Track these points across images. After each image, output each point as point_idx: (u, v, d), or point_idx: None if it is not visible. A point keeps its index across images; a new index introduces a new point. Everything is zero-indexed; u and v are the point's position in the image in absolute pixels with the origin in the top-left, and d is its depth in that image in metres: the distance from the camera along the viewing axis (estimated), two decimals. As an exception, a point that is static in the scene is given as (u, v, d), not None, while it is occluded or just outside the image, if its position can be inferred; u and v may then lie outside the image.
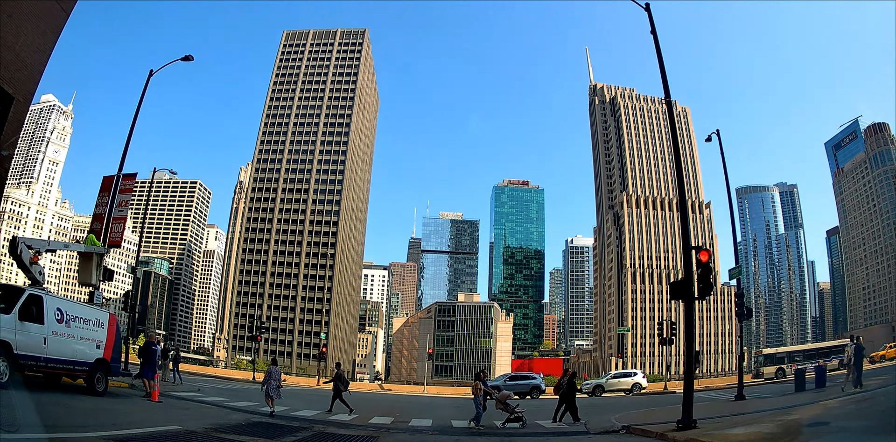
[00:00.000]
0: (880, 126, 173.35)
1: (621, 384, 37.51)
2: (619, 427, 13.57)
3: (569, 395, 15.96)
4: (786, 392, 20.87)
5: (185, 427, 9.96)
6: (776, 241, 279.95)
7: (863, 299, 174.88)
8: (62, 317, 13.19)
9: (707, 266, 12.76)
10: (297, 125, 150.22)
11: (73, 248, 16.31)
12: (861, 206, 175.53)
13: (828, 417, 11.81)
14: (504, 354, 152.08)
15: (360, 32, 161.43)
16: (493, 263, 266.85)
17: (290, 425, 12.68)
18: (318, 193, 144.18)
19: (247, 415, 14.51)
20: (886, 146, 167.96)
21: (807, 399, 17.79)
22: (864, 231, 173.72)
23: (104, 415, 10.90)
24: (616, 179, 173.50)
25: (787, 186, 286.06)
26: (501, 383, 33.78)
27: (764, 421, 12.06)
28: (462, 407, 24.69)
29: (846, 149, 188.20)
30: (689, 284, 12.62)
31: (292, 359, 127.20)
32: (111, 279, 17.20)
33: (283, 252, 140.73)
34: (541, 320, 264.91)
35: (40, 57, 11.71)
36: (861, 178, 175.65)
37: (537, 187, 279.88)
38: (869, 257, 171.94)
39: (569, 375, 16.35)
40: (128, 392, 17.31)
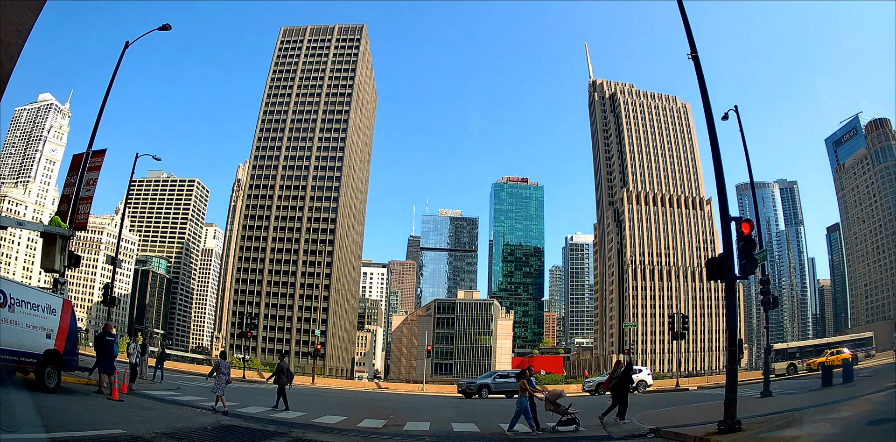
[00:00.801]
0: (882, 122, 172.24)
1: None
2: (647, 430, 12.04)
3: (622, 390, 14.39)
4: (812, 388, 19.67)
5: (130, 432, 8.67)
6: (776, 237, 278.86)
7: (864, 296, 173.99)
8: (4, 300, 11.57)
9: (750, 239, 11.24)
10: (294, 122, 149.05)
11: (28, 226, 15.01)
12: (862, 202, 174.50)
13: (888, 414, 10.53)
14: (504, 352, 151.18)
15: (358, 28, 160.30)
16: (493, 260, 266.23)
17: (265, 430, 11.37)
18: (315, 190, 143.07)
19: (219, 416, 13.24)
20: (888, 142, 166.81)
21: (842, 395, 16.62)
22: (866, 227, 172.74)
23: (46, 414, 9.44)
24: (616, 176, 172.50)
25: (787, 183, 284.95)
26: (491, 381, 32.65)
27: (814, 420, 10.72)
28: (462, 407, 23.47)
29: (846, 145, 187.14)
30: (729, 260, 10.98)
31: (290, 358, 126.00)
32: (78, 265, 15.79)
33: (280, 250, 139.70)
34: (541, 318, 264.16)
35: (17, 37, 11.11)
36: (862, 174, 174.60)
37: (536, 184, 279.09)
38: (870, 254, 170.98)
39: (623, 367, 14.72)
40: (88, 389, 15.83)
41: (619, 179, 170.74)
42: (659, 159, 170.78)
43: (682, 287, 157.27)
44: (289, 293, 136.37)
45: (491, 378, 33.26)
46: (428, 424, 15.10)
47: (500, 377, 33.52)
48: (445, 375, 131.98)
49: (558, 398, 13.56)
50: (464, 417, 18.26)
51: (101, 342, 15.18)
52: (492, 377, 33.50)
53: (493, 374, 35.10)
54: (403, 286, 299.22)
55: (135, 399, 15.39)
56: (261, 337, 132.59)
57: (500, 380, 33.06)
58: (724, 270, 11.03)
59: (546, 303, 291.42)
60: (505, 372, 35.75)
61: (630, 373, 14.73)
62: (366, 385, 58.44)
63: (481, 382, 32.41)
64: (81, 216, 15.60)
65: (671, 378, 78.95)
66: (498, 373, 35.04)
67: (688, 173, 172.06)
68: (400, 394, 40.29)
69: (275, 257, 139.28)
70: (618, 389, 14.52)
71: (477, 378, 33.68)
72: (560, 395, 13.78)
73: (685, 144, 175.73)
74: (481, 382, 32.33)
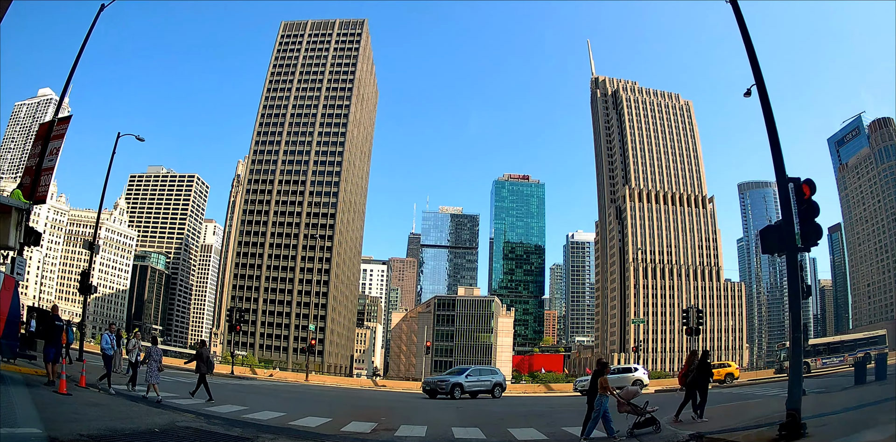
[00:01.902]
0: (885, 121, 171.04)
1: (622, 381, 32.88)
2: (686, 437, 10.56)
3: (701, 383, 12.86)
4: (843, 386, 18.41)
5: (49, 431, 7.29)
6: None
7: (867, 296, 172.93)
8: None
9: (811, 203, 9.59)
10: (294, 116, 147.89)
11: None
12: (865, 201, 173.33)
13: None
14: (505, 350, 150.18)
15: (359, 23, 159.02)
16: (493, 258, 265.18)
17: (227, 435, 9.77)
18: (315, 186, 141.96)
19: (178, 416, 11.61)
20: (891, 141, 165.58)
21: (886, 393, 15.27)
22: (869, 227, 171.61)
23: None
24: (618, 173, 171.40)
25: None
26: (464, 379, 28.07)
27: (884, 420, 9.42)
28: (465, 408, 21.20)
29: (849, 145, 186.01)
30: (789, 228, 9.42)
31: (288, 354, 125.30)
32: (38, 244, 14.31)
33: (279, 245, 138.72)
34: (541, 316, 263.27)
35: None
36: (865, 173, 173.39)
37: (538, 182, 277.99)
38: (873, 254, 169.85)
39: (700, 357, 13.14)
40: (37, 380, 14.24)
41: (622, 177, 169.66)
42: (661, 157, 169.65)
43: (685, 285, 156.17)
44: (287, 289, 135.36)
45: (464, 376, 28.47)
46: (424, 429, 12.90)
47: (473, 375, 29.15)
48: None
49: (634, 397, 11.97)
50: (466, 420, 16.01)
51: (49, 328, 13.68)
52: (464, 375, 28.67)
53: (464, 370, 29.75)
54: (403, 284, 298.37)
55: (88, 394, 13.88)
56: (258, 333, 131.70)
57: (473, 378, 28.79)
58: (784, 239, 9.45)
59: (546, 301, 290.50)
60: (478, 369, 31.00)
61: (709, 363, 13.12)
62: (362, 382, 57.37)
63: (455, 380, 27.56)
64: (42, 188, 14.29)
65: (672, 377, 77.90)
66: (470, 370, 29.81)
67: (690, 171, 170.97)
68: (397, 392, 38.97)
69: (273, 253, 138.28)
70: (696, 382, 13.04)
71: (450, 376, 28.61)
72: (636, 393, 12.21)
73: (688, 142, 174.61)
74: (455, 381, 27.52)
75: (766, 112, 10.35)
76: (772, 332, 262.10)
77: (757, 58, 10.61)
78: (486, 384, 28.88)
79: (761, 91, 10.50)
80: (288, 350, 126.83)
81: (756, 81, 10.56)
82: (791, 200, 9.56)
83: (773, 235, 9.94)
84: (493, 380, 29.42)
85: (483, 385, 28.73)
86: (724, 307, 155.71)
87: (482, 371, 30.38)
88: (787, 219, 9.51)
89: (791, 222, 9.48)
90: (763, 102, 10.35)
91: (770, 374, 43.92)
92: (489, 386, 28.87)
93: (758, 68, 10.67)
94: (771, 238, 9.98)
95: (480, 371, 30.14)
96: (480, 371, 30.14)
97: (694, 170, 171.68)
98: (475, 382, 28.50)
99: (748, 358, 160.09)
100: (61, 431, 7.66)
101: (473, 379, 28.57)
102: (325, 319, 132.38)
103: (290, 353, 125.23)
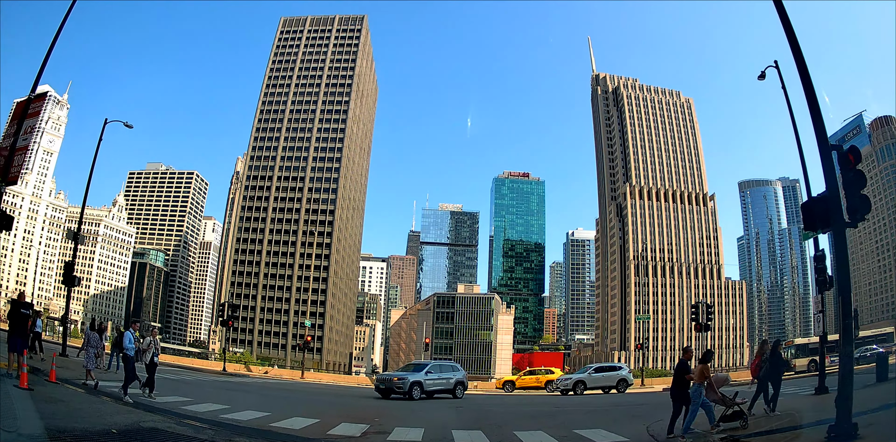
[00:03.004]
0: (886, 119, 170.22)
1: (606, 380, 32.04)
2: (717, 441, 9.74)
3: (775, 374, 12.03)
4: (867, 383, 17.46)
5: None
6: (779, 236, 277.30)
7: (868, 295, 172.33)
8: None
9: (859, 174, 8.61)
10: (293, 113, 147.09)
11: None
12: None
13: None
14: (505, 348, 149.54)
15: (359, 19, 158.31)
16: (493, 255, 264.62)
17: (196, 437, 8.89)
18: (314, 182, 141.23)
19: (147, 416, 10.65)
20: (893, 139, 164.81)
21: None
22: (869, 226, 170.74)
23: None
24: (619, 170, 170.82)
25: (790, 181, 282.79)
26: (424, 377, 24.63)
27: None
28: (466, 408, 20.07)
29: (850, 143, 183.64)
30: (834, 201, 8.39)
31: (287, 352, 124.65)
32: (10, 228, 13.43)
33: (278, 242, 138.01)
34: (541, 314, 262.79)
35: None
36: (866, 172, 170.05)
37: (538, 179, 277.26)
38: (873, 253, 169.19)
39: (771, 346, 12.27)
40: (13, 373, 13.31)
41: (622, 174, 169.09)
42: (662, 154, 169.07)
43: (685, 283, 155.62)
44: (286, 286, 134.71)
45: (423, 372, 24.90)
46: (421, 432, 11.85)
47: (433, 372, 25.54)
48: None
49: (724, 384, 10.95)
50: (467, 422, 14.94)
51: (15, 317, 12.72)
52: (424, 371, 25.05)
53: (423, 366, 26.00)
54: (403, 281, 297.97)
55: (53, 389, 12.93)
56: (257, 330, 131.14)
57: (434, 375, 25.24)
58: (830, 213, 8.43)
59: (546, 299, 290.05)
60: (438, 365, 27.22)
61: (780, 353, 12.28)
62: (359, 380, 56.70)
63: (414, 378, 24.05)
64: (14, 169, 13.47)
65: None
66: (430, 366, 26.15)
67: (691, 169, 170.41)
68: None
69: (272, 250, 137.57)
70: (770, 374, 12.26)
71: (407, 372, 25.20)
72: (725, 380, 11.24)
73: (689, 140, 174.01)
74: (415, 379, 23.99)
75: (803, 77, 9.46)
76: (772, 331, 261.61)
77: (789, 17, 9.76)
78: (447, 383, 25.86)
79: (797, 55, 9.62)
80: (286, 347, 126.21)
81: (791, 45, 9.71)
82: (835, 171, 8.61)
83: (818, 209, 8.93)
84: (455, 378, 26.41)
85: (444, 384, 25.69)
86: (725, 306, 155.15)
87: (443, 367, 26.89)
88: (832, 192, 8.59)
89: (837, 195, 8.53)
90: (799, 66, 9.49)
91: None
92: (450, 385, 25.94)
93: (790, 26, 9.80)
94: (815, 212, 8.98)
95: (441, 367, 26.72)
96: (441, 367, 26.72)
97: (694, 167, 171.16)
98: (436, 380, 25.26)
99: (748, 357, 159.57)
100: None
101: (434, 376, 25.23)
102: (324, 317, 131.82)
103: (288, 350, 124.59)
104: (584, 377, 31.89)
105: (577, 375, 32.66)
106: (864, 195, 8.62)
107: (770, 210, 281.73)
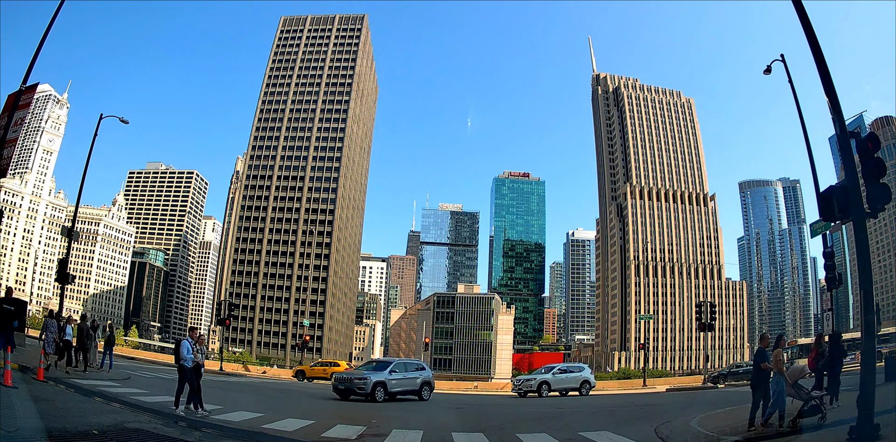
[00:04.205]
0: (887, 119, 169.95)
1: (569, 381, 30.22)
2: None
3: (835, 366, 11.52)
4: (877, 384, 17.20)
5: None
6: (779, 236, 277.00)
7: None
8: None
9: (879, 162, 8.20)
10: (293, 112, 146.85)
11: None
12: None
13: None
14: (505, 348, 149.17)
15: (359, 18, 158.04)
16: (493, 255, 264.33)
17: (182, 439, 8.57)
18: (314, 181, 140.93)
19: (134, 415, 10.30)
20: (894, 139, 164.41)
21: None
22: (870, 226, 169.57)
23: None
24: (619, 170, 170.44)
25: (790, 181, 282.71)
26: (387, 377, 22.15)
27: None
28: (467, 409, 19.41)
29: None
30: (854, 190, 8.04)
31: (286, 352, 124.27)
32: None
33: (278, 241, 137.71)
34: (541, 314, 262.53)
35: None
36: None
37: (538, 179, 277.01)
38: (874, 253, 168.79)
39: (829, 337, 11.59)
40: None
41: (622, 174, 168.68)
42: (662, 154, 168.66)
43: (686, 284, 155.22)
44: (286, 286, 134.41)
45: (387, 371, 22.38)
46: (420, 435, 11.41)
47: (398, 370, 22.99)
48: (444, 370, 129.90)
49: (801, 377, 10.28)
50: (468, 424, 14.48)
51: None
52: (387, 370, 22.53)
53: (387, 365, 23.59)
54: (403, 281, 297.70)
55: (40, 387, 12.56)
56: (256, 330, 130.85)
57: (398, 375, 22.71)
58: (849, 203, 8.05)
59: (546, 299, 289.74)
60: (403, 363, 24.67)
61: (841, 344, 11.58)
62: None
63: (377, 378, 21.50)
64: (3, 161, 13.14)
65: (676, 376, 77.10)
66: (394, 364, 23.64)
67: (691, 169, 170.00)
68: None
69: (272, 249, 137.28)
70: (830, 366, 11.80)
71: (369, 371, 22.57)
72: (803, 372, 10.56)
73: (689, 140, 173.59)
74: (378, 379, 21.43)
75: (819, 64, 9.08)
76: (772, 331, 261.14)
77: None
78: (413, 383, 23.34)
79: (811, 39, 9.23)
80: (286, 347, 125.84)
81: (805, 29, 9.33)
82: (853, 159, 8.24)
83: (834, 199, 8.55)
84: (422, 378, 23.86)
85: (410, 384, 23.18)
86: (725, 306, 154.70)
87: (408, 366, 24.35)
88: (852, 180, 8.22)
89: (857, 183, 8.19)
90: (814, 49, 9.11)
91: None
92: (416, 385, 23.43)
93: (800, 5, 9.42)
94: (834, 202, 8.61)
95: (406, 366, 24.19)
96: (406, 366, 24.19)
97: (695, 167, 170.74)
98: (401, 380, 22.73)
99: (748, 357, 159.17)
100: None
101: (399, 376, 22.68)
102: (324, 316, 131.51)
103: (287, 350, 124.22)
104: (548, 378, 29.76)
105: (541, 375, 30.39)
106: (883, 184, 8.30)
107: (770, 210, 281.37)
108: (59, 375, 14.89)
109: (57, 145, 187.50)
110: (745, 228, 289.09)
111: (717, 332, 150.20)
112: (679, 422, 12.38)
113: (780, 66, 19.80)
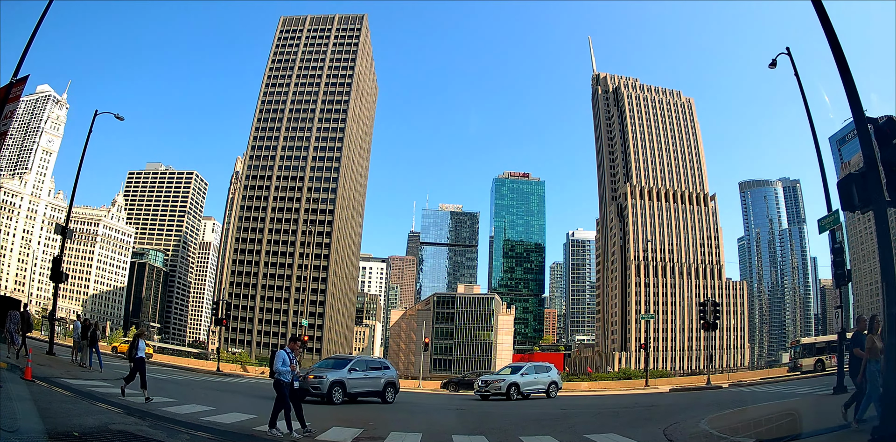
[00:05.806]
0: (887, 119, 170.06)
1: (538, 383, 28.01)
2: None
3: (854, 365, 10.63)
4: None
5: None
6: (779, 236, 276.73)
7: (869, 296, 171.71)
8: None
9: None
10: (292, 112, 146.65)
11: None
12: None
13: None
14: (505, 348, 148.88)
15: (359, 18, 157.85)
16: (493, 256, 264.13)
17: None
18: (313, 182, 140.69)
19: (120, 417, 9.91)
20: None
21: None
22: (871, 226, 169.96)
23: None
24: (619, 170, 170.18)
25: (790, 181, 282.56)
26: (346, 376, 20.14)
27: None
28: (467, 410, 18.97)
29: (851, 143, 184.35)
30: (874, 177, 7.66)
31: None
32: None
33: (277, 242, 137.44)
34: (541, 314, 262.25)
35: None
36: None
37: (538, 180, 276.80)
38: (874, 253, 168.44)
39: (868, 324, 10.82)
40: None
41: (623, 174, 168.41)
42: (662, 154, 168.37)
43: (686, 284, 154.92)
44: (285, 286, 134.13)
45: (346, 370, 20.33)
46: (419, 438, 11.05)
47: (358, 369, 20.91)
48: (444, 371, 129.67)
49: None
50: (469, 426, 14.05)
51: None
52: (346, 368, 20.47)
53: (345, 362, 21.33)
54: (403, 282, 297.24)
55: (26, 387, 12.32)
56: (256, 330, 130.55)
57: (359, 374, 20.68)
58: (870, 191, 7.70)
59: (546, 299, 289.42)
60: (363, 360, 22.22)
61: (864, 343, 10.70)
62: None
63: (335, 377, 19.58)
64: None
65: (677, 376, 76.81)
66: (353, 361, 21.36)
67: (692, 169, 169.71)
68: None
69: (271, 250, 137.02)
70: (851, 365, 11.22)
71: (326, 370, 20.49)
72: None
73: (689, 140, 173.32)
74: (335, 378, 19.54)
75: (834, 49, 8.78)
76: (773, 331, 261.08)
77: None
78: (375, 383, 21.17)
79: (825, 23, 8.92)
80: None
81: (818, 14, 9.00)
82: (872, 145, 7.95)
83: (853, 187, 8.19)
84: (385, 378, 21.64)
85: (372, 384, 21.02)
86: (726, 306, 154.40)
87: (370, 363, 22.16)
88: (871, 167, 7.88)
89: (876, 171, 7.85)
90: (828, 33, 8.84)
91: (783, 371, 42.33)
92: (379, 386, 21.27)
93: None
94: (850, 191, 8.25)
95: (368, 363, 22.01)
96: (368, 363, 22.01)
97: (695, 167, 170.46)
98: (362, 380, 20.58)
99: (749, 357, 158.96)
100: None
101: (360, 375, 20.57)
102: (324, 317, 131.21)
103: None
104: (517, 379, 26.89)
105: (510, 376, 27.28)
106: None
107: (770, 210, 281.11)
108: (49, 374, 14.56)
109: (56, 146, 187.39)
110: (745, 228, 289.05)
111: (718, 332, 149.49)
112: (688, 423, 12.10)
113: (783, 64, 19.49)
